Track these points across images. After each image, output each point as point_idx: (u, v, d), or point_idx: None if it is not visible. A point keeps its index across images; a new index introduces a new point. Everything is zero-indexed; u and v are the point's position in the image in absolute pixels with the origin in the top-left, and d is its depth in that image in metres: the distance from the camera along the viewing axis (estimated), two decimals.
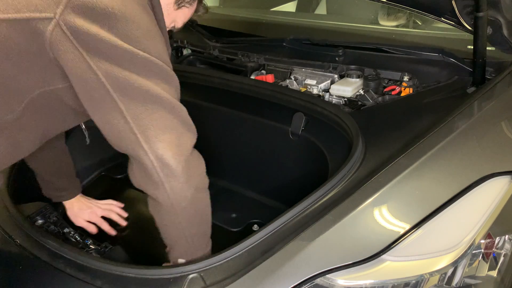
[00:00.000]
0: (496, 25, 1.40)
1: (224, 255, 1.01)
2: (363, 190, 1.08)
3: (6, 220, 1.25)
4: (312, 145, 1.40)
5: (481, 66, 1.38)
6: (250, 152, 1.65)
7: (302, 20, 2.27)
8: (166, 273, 1.01)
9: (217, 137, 1.73)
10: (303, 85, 1.68)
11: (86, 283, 1.03)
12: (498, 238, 1.10)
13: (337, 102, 1.57)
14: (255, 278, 0.95)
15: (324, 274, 0.95)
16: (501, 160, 1.17)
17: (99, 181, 1.84)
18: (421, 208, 1.05)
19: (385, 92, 1.54)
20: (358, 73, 1.61)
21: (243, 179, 1.69)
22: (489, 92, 1.34)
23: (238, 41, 2.03)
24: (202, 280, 0.98)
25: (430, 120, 1.27)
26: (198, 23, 2.25)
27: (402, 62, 1.63)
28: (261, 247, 1.01)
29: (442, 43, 1.66)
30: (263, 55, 1.84)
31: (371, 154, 1.20)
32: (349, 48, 1.75)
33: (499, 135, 1.25)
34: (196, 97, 1.74)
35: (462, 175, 1.12)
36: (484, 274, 1.08)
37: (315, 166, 1.38)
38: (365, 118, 1.37)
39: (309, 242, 0.99)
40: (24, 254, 1.14)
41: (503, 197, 1.11)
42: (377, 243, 1.00)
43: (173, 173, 1.00)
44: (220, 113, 1.67)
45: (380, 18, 1.99)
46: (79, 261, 1.09)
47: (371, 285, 0.97)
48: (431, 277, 0.99)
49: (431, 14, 1.53)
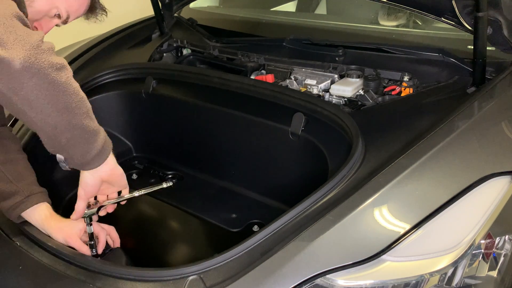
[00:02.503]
0: (496, 25, 1.39)
1: (224, 256, 1.01)
2: (363, 190, 1.08)
3: (6, 221, 1.25)
4: (312, 145, 1.40)
5: (481, 66, 1.38)
6: (250, 152, 1.65)
7: (302, 20, 2.26)
8: (165, 275, 1.01)
9: (217, 137, 1.73)
10: (303, 85, 1.68)
11: (86, 285, 1.03)
12: (498, 238, 1.10)
13: (337, 102, 1.57)
14: (255, 278, 0.95)
15: (324, 274, 0.95)
16: (501, 160, 1.17)
17: None
18: (421, 208, 1.05)
19: (385, 92, 1.54)
20: (358, 73, 1.61)
21: (243, 179, 1.69)
22: (489, 92, 1.34)
23: (238, 41, 2.03)
24: (202, 281, 0.98)
25: (430, 120, 1.27)
26: (198, 23, 2.25)
27: (402, 62, 1.63)
28: (261, 248, 1.01)
29: (442, 43, 1.66)
30: (263, 55, 1.84)
31: (371, 154, 1.20)
32: (349, 48, 1.75)
33: (499, 135, 1.25)
34: (196, 97, 1.75)
35: (462, 176, 1.11)
36: (484, 274, 1.08)
37: (315, 166, 1.38)
38: (365, 118, 1.37)
39: (309, 242, 0.99)
40: (24, 255, 1.14)
41: (503, 197, 1.11)
42: (377, 243, 1.00)
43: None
44: (220, 113, 1.67)
45: (380, 18, 1.99)
46: (79, 263, 1.09)
47: (371, 285, 0.97)
48: (431, 277, 0.99)
49: (431, 14, 1.53)
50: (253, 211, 1.57)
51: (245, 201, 1.64)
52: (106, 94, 1.87)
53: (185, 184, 1.79)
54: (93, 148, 1.05)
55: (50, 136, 0.99)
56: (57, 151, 1.04)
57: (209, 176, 1.78)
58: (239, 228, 1.52)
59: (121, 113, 1.90)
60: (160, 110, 1.84)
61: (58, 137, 0.99)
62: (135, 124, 1.93)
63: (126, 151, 1.95)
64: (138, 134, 1.95)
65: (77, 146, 1.03)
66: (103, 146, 1.08)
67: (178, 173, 1.84)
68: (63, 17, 1.28)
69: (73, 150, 1.03)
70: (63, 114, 0.96)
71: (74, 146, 1.02)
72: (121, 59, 2.03)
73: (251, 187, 1.67)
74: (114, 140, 1.77)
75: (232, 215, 1.58)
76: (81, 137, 1.01)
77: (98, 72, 1.90)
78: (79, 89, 1.00)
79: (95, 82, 1.88)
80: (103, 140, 1.08)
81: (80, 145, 1.03)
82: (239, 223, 1.54)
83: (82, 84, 1.83)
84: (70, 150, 1.03)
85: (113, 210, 1.31)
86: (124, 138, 1.95)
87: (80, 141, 1.02)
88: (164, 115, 1.85)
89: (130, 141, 1.96)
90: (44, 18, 1.25)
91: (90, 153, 1.05)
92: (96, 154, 1.07)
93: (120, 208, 1.30)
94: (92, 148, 1.05)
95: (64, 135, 0.99)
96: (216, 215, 1.58)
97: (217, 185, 1.74)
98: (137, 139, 1.96)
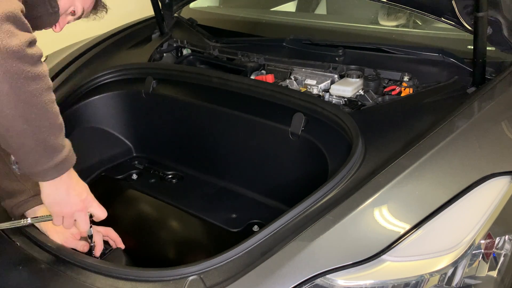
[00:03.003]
0: (496, 25, 1.40)
1: (224, 257, 1.01)
2: (363, 190, 1.08)
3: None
4: (312, 145, 1.40)
5: (481, 66, 1.38)
6: (250, 152, 1.65)
7: (302, 20, 2.26)
8: (165, 275, 1.01)
9: (217, 137, 1.73)
10: (303, 85, 1.68)
11: (86, 285, 1.03)
12: (498, 238, 1.10)
13: (337, 102, 1.57)
14: (255, 278, 0.95)
15: (324, 274, 0.95)
16: (501, 160, 1.17)
17: (99, 182, 1.84)
18: (421, 209, 1.05)
19: (385, 92, 1.54)
20: (358, 73, 1.61)
21: (243, 179, 1.69)
22: (489, 92, 1.34)
23: (238, 41, 2.03)
24: (202, 282, 0.98)
25: (430, 120, 1.27)
26: (198, 23, 2.25)
27: (402, 62, 1.63)
28: (261, 248, 1.01)
29: (442, 43, 1.66)
30: (263, 55, 1.84)
31: (371, 155, 1.21)
32: (349, 48, 1.75)
33: (499, 135, 1.25)
34: (196, 97, 1.75)
35: (462, 176, 1.12)
36: (484, 274, 1.08)
37: (315, 167, 1.38)
38: (365, 118, 1.37)
39: (309, 242, 0.99)
40: (24, 255, 1.14)
41: (503, 197, 1.11)
42: (377, 243, 1.00)
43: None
44: (220, 113, 1.67)
45: (380, 18, 1.99)
46: (79, 263, 1.09)
47: (371, 285, 0.97)
48: (431, 277, 0.99)
49: (431, 14, 1.53)
50: (253, 211, 1.57)
51: (245, 201, 1.64)
52: (106, 94, 1.87)
53: (185, 184, 1.79)
54: (46, 162, 1.00)
55: (1, 134, 0.96)
56: (9, 151, 1.01)
57: (209, 176, 1.78)
58: (239, 228, 1.52)
59: (121, 113, 1.90)
60: (160, 110, 1.84)
61: (8, 140, 0.96)
62: (135, 124, 1.93)
63: (126, 151, 1.95)
64: (138, 134, 1.95)
65: (29, 155, 0.99)
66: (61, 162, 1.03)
67: (178, 173, 1.84)
68: (78, 13, 1.30)
69: (23, 156, 0.99)
70: (19, 122, 0.93)
71: (25, 154, 0.99)
72: (121, 59, 2.03)
73: (251, 187, 1.67)
74: (114, 140, 1.79)
75: (232, 215, 1.58)
76: (34, 149, 0.98)
77: (98, 72, 1.90)
78: (48, 102, 0.97)
79: (95, 82, 1.88)
80: (62, 157, 1.02)
81: (31, 155, 0.99)
82: (239, 223, 1.54)
83: (82, 84, 1.84)
84: (20, 155, 1.00)
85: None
86: (124, 138, 1.95)
87: (32, 152, 0.98)
88: (164, 115, 1.86)
89: (130, 141, 1.96)
90: (62, 15, 1.27)
91: (42, 166, 1.01)
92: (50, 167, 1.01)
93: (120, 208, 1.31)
94: (44, 162, 1.00)
95: (14, 141, 0.96)
96: (216, 215, 1.58)
97: (217, 185, 1.74)
98: (137, 139, 1.96)
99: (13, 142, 0.96)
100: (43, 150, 0.99)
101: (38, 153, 0.99)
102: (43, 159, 1.00)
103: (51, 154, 1.00)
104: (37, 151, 0.98)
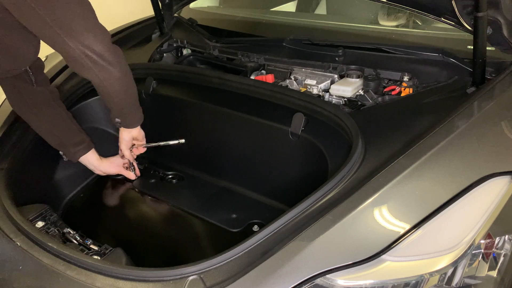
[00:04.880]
0: (496, 25, 1.39)
1: (224, 257, 1.01)
2: (363, 190, 1.08)
3: (6, 221, 1.25)
4: (312, 145, 1.40)
5: (481, 66, 1.38)
6: (250, 152, 1.65)
7: (302, 20, 2.26)
8: (166, 275, 1.02)
9: (217, 137, 1.73)
10: (303, 85, 1.68)
11: (86, 285, 1.03)
12: (498, 238, 1.10)
13: (337, 102, 1.57)
14: (255, 278, 0.95)
15: (324, 274, 0.96)
16: (501, 160, 1.17)
17: (99, 181, 1.85)
18: (421, 208, 1.05)
19: (385, 92, 1.54)
20: (358, 73, 1.61)
21: (243, 179, 1.69)
22: (489, 92, 1.34)
23: (238, 41, 2.03)
24: (202, 281, 0.98)
25: (430, 120, 1.27)
26: (198, 23, 2.25)
27: (402, 62, 1.63)
28: (261, 248, 1.02)
29: (442, 43, 1.66)
30: (263, 55, 1.84)
31: (371, 154, 1.21)
32: (349, 48, 1.75)
33: (499, 135, 1.25)
34: (196, 97, 1.75)
35: (462, 175, 1.11)
36: (484, 274, 1.08)
37: (315, 166, 1.38)
38: (365, 118, 1.37)
39: (309, 242, 0.99)
40: (25, 256, 1.14)
41: (503, 197, 1.11)
42: (377, 243, 1.00)
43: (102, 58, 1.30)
44: (220, 114, 1.67)
45: (380, 18, 1.99)
46: (79, 263, 1.09)
47: (371, 285, 0.97)
48: (431, 277, 0.99)
49: (431, 14, 1.53)
50: (253, 211, 1.58)
51: (245, 201, 1.64)
52: None
53: (186, 184, 1.79)
54: (137, 117, 1.61)
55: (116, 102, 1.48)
56: (118, 116, 1.57)
57: (209, 176, 1.78)
58: (239, 228, 1.52)
59: None
60: (160, 111, 1.84)
61: (121, 104, 1.50)
62: None
63: None
64: None
65: (131, 113, 1.58)
66: (141, 116, 1.62)
67: (178, 173, 1.85)
68: None
69: (128, 114, 1.57)
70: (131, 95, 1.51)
71: (130, 113, 1.57)
72: None
73: (251, 187, 1.67)
74: (114, 140, 1.78)
75: (232, 215, 1.58)
76: (133, 108, 1.57)
77: None
78: (133, 82, 1.49)
79: None
80: (141, 113, 1.61)
81: (132, 113, 1.58)
82: (239, 223, 1.54)
83: (82, 84, 1.84)
84: (125, 114, 1.56)
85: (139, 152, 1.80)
86: None
87: (133, 111, 1.58)
88: (164, 116, 1.86)
89: None
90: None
91: (136, 119, 1.62)
92: (137, 120, 1.62)
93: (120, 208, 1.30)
94: (137, 116, 1.61)
95: (127, 108, 1.54)
96: (216, 215, 1.58)
97: (217, 185, 1.74)
98: None
99: (124, 106, 1.51)
100: (136, 110, 1.59)
101: (135, 111, 1.58)
102: (139, 114, 1.61)
103: (139, 111, 1.60)
104: (135, 109, 1.58)
